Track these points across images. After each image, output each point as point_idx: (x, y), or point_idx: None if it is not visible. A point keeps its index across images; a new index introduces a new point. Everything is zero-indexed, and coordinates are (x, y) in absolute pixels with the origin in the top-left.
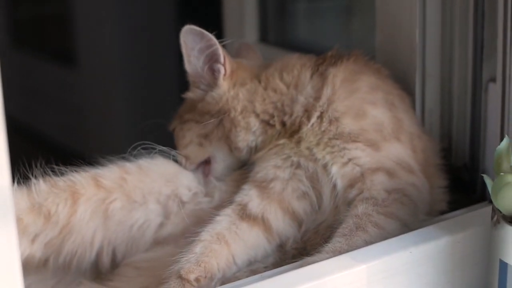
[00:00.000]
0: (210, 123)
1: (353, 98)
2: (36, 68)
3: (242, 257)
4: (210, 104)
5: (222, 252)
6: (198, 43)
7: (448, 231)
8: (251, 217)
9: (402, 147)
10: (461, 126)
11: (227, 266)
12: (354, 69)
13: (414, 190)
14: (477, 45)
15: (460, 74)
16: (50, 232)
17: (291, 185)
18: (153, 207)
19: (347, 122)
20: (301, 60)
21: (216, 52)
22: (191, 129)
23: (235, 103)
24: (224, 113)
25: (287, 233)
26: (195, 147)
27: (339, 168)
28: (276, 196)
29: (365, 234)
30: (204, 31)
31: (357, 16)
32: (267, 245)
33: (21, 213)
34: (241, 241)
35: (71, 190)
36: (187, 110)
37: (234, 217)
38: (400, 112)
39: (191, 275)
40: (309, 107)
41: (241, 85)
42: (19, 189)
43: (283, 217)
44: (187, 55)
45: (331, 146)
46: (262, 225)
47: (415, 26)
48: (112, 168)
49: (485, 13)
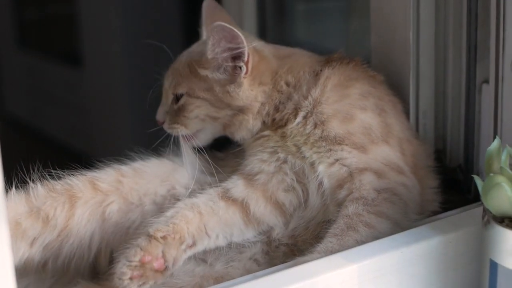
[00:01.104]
0: (224, 112)
1: (343, 103)
2: (42, 69)
3: (215, 229)
4: (233, 98)
5: (194, 219)
6: (228, 41)
7: (440, 231)
8: (231, 199)
9: (391, 150)
10: (455, 127)
11: (198, 234)
12: (350, 75)
13: (404, 189)
14: (471, 46)
15: (454, 76)
16: (49, 236)
17: (276, 177)
18: (150, 208)
19: (334, 126)
20: (310, 61)
21: (243, 52)
22: (202, 106)
23: (254, 105)
24: (242, 111)
25: (267, 220)
26: (198, 121)
27: (326, 167)
28: (260, 187)
29: (356, 234)
30: (235, 31)
31: (355, 18)
32: (243, 226)
33: (19, 217)
34: (215, 215)
35: (68, 193)
36: (201, 87)
37: (213, 196)
38: (391, 118)
39: (158, 233)
40: (297, 105)
41: (260, 84)
42: (17, 193)
43: (265, 205)
44: (212, 45)
45: (317, 147)
46: (240, 207)
47: (409, 28)
48: (108, 171)
49: (478, 15)
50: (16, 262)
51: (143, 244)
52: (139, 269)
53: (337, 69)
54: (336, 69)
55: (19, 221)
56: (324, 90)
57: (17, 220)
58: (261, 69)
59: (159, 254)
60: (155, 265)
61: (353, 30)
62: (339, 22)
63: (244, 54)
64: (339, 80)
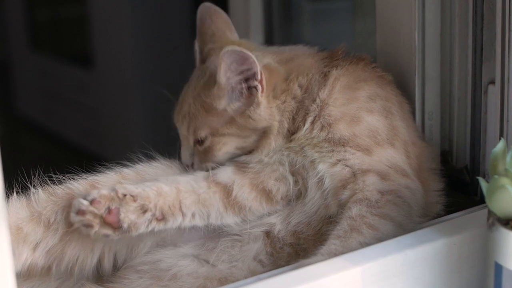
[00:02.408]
0: (251, 139)
1: (350, 106)
2: (54, 70)
3: (190, 208)
4: (256, 121)
5: (169, 194)
6: (240, 64)
7: (444, 233)
8: (215, 181)
9: (396, 152)
10: (462, 128)
11: (170, 209)
12: (359, 76)
13: (408, 192)
14: (477, 47)
15: (460, 77)
16: (51, 240)
17: (271, 167)
18: None
19: (340, 128)
20: (315, 60)
21: (255, 71)
22: (229, 142)
23: (274, 124)
24: (265, 133)
25: (249, 205)
26: (227, 155)
27: (328, 167)
28: (250, 175)
29: (360, 235)
30: (246, 53)
31: (361, 19)
32: (222, 208)
33: (21, 222)
34: (194, 194)
35: (69, 197)
36: (222, 123)
37: (198, 177)
38: (397, 120)
39: (122, 190)
40: (306, 111)
41: (274, 98)
42: (18, 199)
43: (250, 191)
44: (224, 71)
45: (319, 147)
46: (222, 189)
47: (414, 29)
48: (109, 174)
49: (484, 16)
50: (20, 267)
51: (102, 192)
52: (89, 210)
53: (346, 70)
54: (345, 69)
55: (20, 226)
56: (332, 91)
57: (19, 225)
58: (274, 82)
59: (113, 208)
60: (106, 217)
61: (359, 30)
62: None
63: (256, 73)
64: (348, 82)
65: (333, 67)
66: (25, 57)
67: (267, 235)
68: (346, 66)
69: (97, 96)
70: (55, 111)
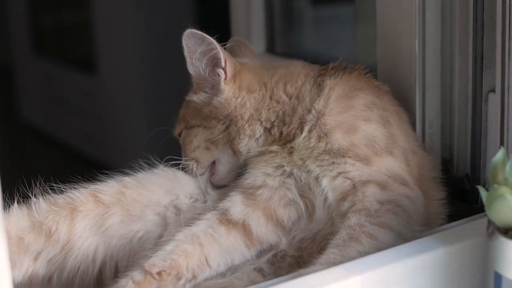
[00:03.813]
0: (217, 129)
1: (347, 114)
2: (57, 76)
3: (216, 259)
4: (218, 109)
5: (194, 253)
6: (200, 46)
7: (444, 242)
8: (232, 222)
9: (395, 161)
10: (462, 137)
11: (199, 266)
12: (354, 85)
13: (407, 201)
14: (477, 56)
15: (460, 85)
16: (52, 250)
17: (279, 193)
18: (152, 218)
19: (337, 137)
20: (305, 70)
21: (217, 56)
22: (198, 134)
23: (242, 111)
24: (231, 120)
25: (269, 239)
26: (203, 151)
27: (330, 181)
28: (261, 204)
29: (359, 244)
30: (205, 35)
31: (362, 27)
32: (245, 250)
33: (22, 232)
34: (217, 243)
35: (70, 207)
36: (193, 116)
37: (213, 221)
38: (395, 129)
39: (153, 268)
40: (302, 119)
41: (248, 92)
42: (19, 208)
43: (266, 224)
44: (189, 58)
45: (320, 160)
46: (241, 230)
47: (415, 38)
48: (110, 183)
49: (485, 24)
50: (21, 277)
51: (136, 278)
52: None
53: (340, 79)
54: (339, 79)
55: (21, 236)
56: (328, 101)
57: (20, 235)
58: (246, 77)
59: None
60: None
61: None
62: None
63: (220, 59)
64: (343, 91)
65: (327, 76)
66: (28, 63)
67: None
68: (340, 75)
69: (100, 102)
70: (58, 117)
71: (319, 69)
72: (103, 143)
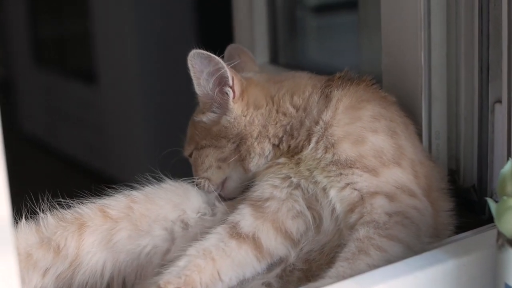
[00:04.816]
0: (228, 148)
1: (354, 125)
2: (58, 87)
3: (228, 273)
4: (228, 129)
5: (207, 267)
6: (207, 66)
7: (454, 255)
8: (242, 235)
9: (403, 172)
10: (469, 148)
11: (212, 281)
12: (362, 96)
13: (416, 213)
14: (483, 66)
15: (466, 96)
16: (61, 266)
17: (286, 205)
18: (159, 233)
19: (345, 148)
20: (312, 81)
21: (224, 75)
22: (209, 154)
23: (252, 128)
24: (241, 139)
25: (279, 252)
26: (215, 170)
27: (337, 192)
28: (270, 216)
29: (368, 257)
30: (211, 55)
31: (366, 37)
32: (256, 263)
33: (30, 249)
34: (228, 258)
35: (78, 222)
36: (202, 136)
37: (223, 235)
38: (402, 139)
39: (169, 286)
40: (310, 131)
41: (256, 108)
42: (27, 224)
43: (276, 237)
44: (196, 79)
45: (327, 171)
46: (252, 243)
47: (420, 49)
48: (118, 197)
49: (490, 35)
50: None
51: None
52: None
53: (348, 90)
54: (346, 90)
55: (30, 253)
56: (335, 112)
57: (28, 252)
58: (253, 93)
59: None
60: None
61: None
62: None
63: (227, 78)
64: (351, 102)
65: (335, 88)
66: (29, 74)
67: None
68: (347, 87)
69: (102, 113)
70: (59, 129)
71: (326, 80)
72: (104, 153)
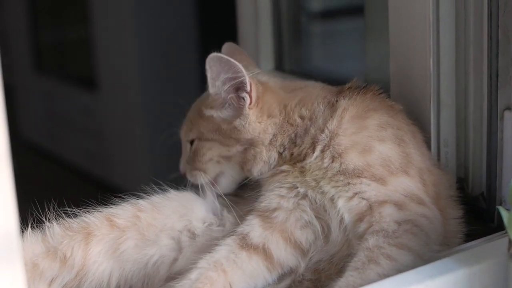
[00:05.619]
0: (235, 149)
1: (361, 135)
2: (58, 94)
3: (240, 285)
4: (240, 132)
5: (219, 280)
6: (226, 72)
7: (464, 263)
8: (252, 246)
9: (411, 181)
10: (477, 155)
11: None
12: (368, 106)
13: (425, 221)
14: (492, 73)
15: (475, 103)
16: (67, 275)
17: (294, 215)
18: (166, 242)
19: (352, 158)
20: (324, 92)
21: (243, 81)
22: (213, 148)
23: (265, 137)
24: (252, 144)
25: (289, 263)
26: (213, 164)
27: (345, 201)
28: (278, 226)
29: (378, 266)
30: (231, 60)
31: (372, 43)
32: (267, 274)
33: (36, 258)
34: (239, 269)
35: (85, 231)
36: (209, 129)
37: (234, 246)
38: (410, 148)
39: None
40: (315, 139)
41: (269, 117)
42: (33, 233)
43: (285, 247)
44: (212, 80)
45: (335, 181)
46: (262, 254)
47: (428, 55)
48: (125, 206)
49: (499, 42)
50: None
51: None
52: None
53: (354, 100)
54: (353, 100)
55: (36, 262)
56: (341, 121)
57: (34, 262)
58: (268, 101)
59: None
60: None
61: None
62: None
63: (245, 84)
64: (357, 112)
65: (341, 97)
66: (29, 81)
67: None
68: (354, 96)
69: (102, 119)
70: (59, 135)
71: (336, 91)
72: (104, 160)
